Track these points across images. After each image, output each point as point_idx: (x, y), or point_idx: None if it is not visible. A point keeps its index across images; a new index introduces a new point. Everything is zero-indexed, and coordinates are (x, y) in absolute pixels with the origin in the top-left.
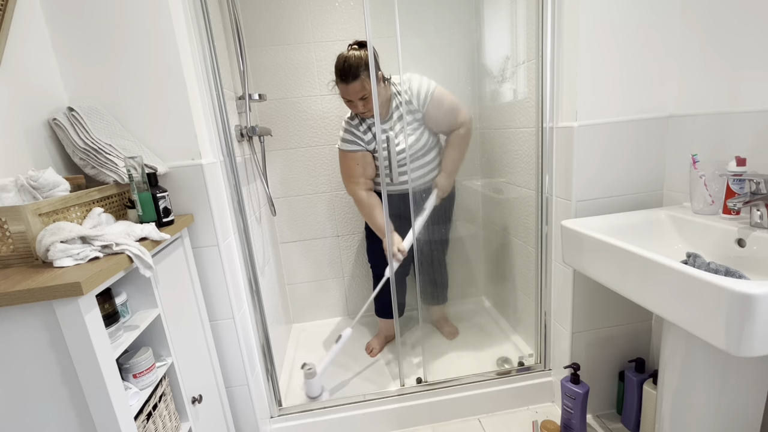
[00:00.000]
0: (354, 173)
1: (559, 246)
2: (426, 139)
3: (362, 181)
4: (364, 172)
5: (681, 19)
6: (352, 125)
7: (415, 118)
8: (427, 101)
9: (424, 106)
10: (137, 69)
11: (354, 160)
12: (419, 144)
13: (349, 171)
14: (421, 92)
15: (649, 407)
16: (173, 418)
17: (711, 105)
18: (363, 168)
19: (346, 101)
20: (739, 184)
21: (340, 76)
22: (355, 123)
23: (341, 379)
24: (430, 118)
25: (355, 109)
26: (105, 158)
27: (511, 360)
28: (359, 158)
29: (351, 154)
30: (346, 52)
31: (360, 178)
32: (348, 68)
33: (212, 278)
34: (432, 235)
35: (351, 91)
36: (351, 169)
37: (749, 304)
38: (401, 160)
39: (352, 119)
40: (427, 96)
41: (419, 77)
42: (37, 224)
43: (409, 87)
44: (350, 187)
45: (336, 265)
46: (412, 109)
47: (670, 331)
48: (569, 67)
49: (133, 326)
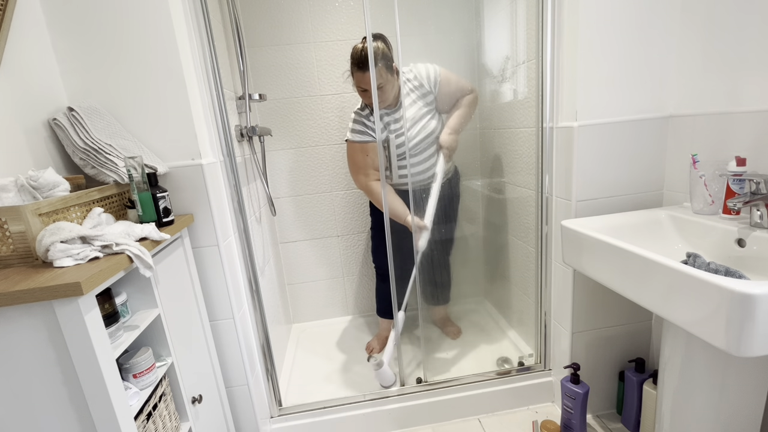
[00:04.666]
0: (365, 165)
1: (559, 246)
2: (437, 123)
3: (372, 173)
4: (373, 163)
5: (681, 19)
6: (363, 116)
7: (427, 102)
8: (438, 81)
9: (436, 87)
10: (137, 69)
11: (364, 151)
12: (430, 128)
13: (359, 162)
14: (430, 75)
15: (649, 407)
16: (173, 418)
17: (711, 105)
18: (373, 159)
19: (361, 91)
20: (739, 184)
21: (357, 65)
22: (366, 114)
23: (341, 379)
24: (443, 96)
25: (369, 98)
26: (105, 158)
27: (511, 360)
28: (369, 149)
29: (362, 146)
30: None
31: (370, 170)
32: (366, 57)
33: (212, 278)
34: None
35: (368, 79)
36: (362, 161)
37: (749, 304)
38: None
39: (362, 110)
40: (436, 77)
41: (422, 64)
42: (37, 224)
43: (417, 73)
44: (360, 179)
45: (336, 265)
46: (424, 92)
47: (670, 331)
48: (569, 67)
49: (133, 326)
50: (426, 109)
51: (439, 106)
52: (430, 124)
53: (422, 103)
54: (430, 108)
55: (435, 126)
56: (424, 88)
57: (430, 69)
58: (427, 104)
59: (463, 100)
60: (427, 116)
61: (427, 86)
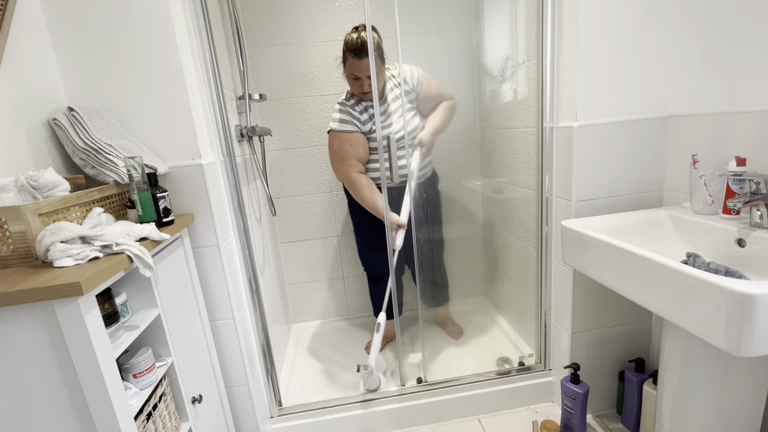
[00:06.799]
0: (348, 155)
1: (559, 246)
2: (418, 122)
3: (355, 164)
4: (356, 154)
5: (680, 19)
6: (348, 105)
7: (410, 99)
8: (421, 81)
9: (419, 86)
10: (137, 69)
11: (348, 141)
12: (413, 125)
13: (342, 153)
14: (414, 74)
15: (649, 407)
16: (173, 418)
17: (711, 105)
18: (356, 150)
19: (353, 79)
20: (739, 184)
21: (354, 51)
22: (351, 104)
23: (341, 379)
24: (424, 98)
25: (360, 88)
26: (105, 158)
27: (511, 360)
28: (354, 139)
29: (345, 135)
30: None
31: (353, 160)
32: (362, 45)
33: (212, 278)
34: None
35: (364, 66)
36: (344, 151)
37: (749, 304)
38: (400, 141)
39: (348, 100)
40: (419, 77)
41: (408, 65)
42: (37, 224)
43: (401, 70)
44: (342, 170)
45: (336, 265)
46: (407, 89)
47: (670, 331)
48: (569, 67)
49: (133, 326)
50: (409, 105)
51: (419, 106)
52: (414, 121)
53: (406, 99)
54: (413, 105)
55: (418, 124)
56: (408, 85)
57: (414, 69)
58: (410, 101)
59: (442, 104)
60: (410, 113)
61: (411, 84)
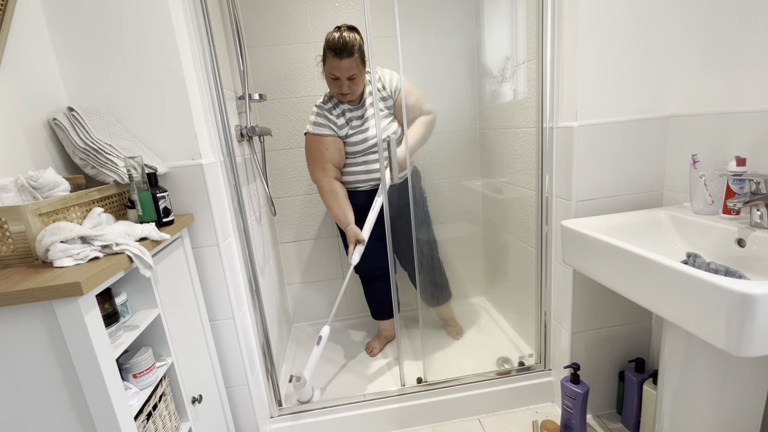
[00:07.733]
0: (322, 158)
1: (559, 246)
2: (396, 128)
3: (329, 168)
4: (332, 158)
5: (681, 19)
6: (325, 109)
7: (387, 105)
8: (398, 89)
9: (396, 93)
10: (137, 69)
11: (323, 145)
12: (390, 130)
13: (317, 156)
14: (393, 81)
15: (649, 407)
16: (173, 418)
17: (711, 105)
18: (331, 154)
19: (332, 79)
20: (739, 184)
21: (334, 51)
22: (328, 107)
23: (341, 379)
24: (399, 105)
25: (339, 89)
26: (105, 158)
27: (511, 360)
28: (329, 143)
29: (321, 138)
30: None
31: (328, 164)
32: (344, 45)
33: (212, 278)
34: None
35: (344, 67)
36: (320, 154)
37: (749, 304)
38: (373, 147)
39: (325, 103)
40: (398, 84)
41: (388, 70)
42: (37, 224)
43: (381, 75)
44: (316, 173)
45: (336, 265)
46: (384, 95)
47: (670, 331)
48: (569, 67)
49: (133, 326)
50: (386, 111)
51: (396, 113)
52: (391, 127)
53: (383, 105)
54: (390, 112)
55: (395, 130)
56: (386, 91)
57: (394, 75)
58: (387, 107)
59: (420, 119)
60: (387, 119)
61: (388, 90)
